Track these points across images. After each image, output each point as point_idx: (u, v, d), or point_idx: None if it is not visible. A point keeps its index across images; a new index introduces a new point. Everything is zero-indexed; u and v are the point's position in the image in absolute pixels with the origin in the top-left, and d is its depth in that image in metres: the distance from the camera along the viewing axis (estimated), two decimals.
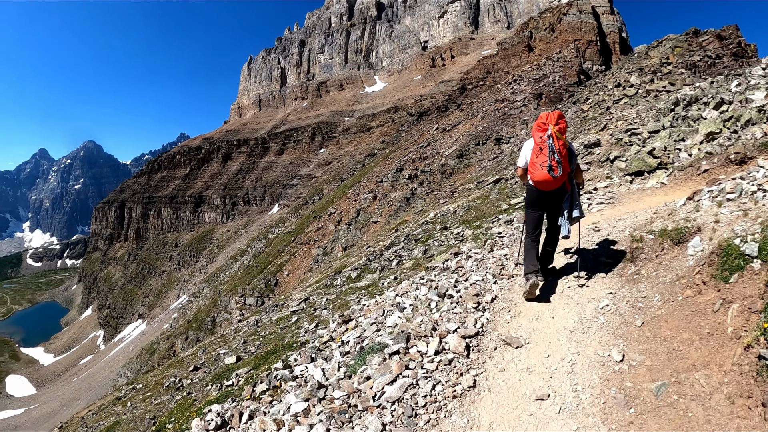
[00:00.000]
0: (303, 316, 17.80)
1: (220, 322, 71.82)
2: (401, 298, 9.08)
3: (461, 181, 40.70)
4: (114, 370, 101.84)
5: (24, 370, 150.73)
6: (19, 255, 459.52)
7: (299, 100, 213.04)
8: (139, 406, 17.91)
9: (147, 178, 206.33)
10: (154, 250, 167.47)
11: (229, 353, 17.45)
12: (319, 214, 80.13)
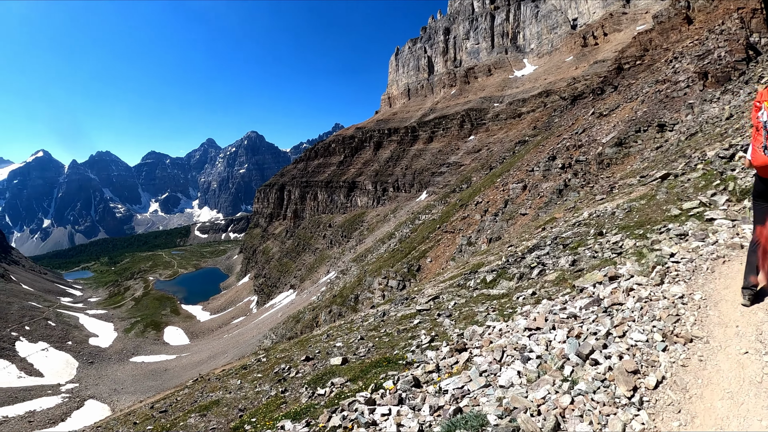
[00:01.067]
0: (425, 319, 16.64)
1: (362, 300, 73.79)
2: (529, 340, 7.43)
3: (620, 174, 37.09)
4: (261, 332, 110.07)
5: (182, 323, 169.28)
6: (188, 227, 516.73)
7: (447, 88, 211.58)
8: (246, 386, 18.32)
9: (305, 164, 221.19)
10: (309, 229, 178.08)
11: (341, 349, 17.19)
12: (466, 202, 78.58)
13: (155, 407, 24.68)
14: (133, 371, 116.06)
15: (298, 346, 23.98)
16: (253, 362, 24.30)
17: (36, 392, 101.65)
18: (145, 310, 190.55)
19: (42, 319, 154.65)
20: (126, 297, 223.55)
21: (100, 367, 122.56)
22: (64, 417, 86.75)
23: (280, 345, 29.15)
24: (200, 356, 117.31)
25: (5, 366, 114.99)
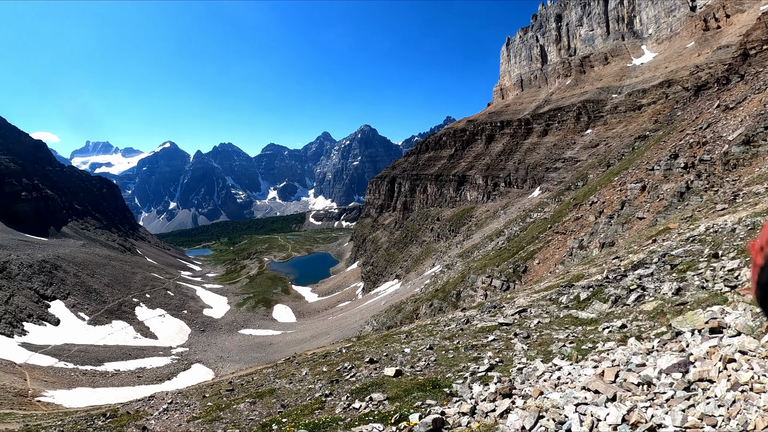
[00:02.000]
0: (501, 337, 15.51)
1: (464, 297, 72.08)
2: (575, 412, 5.97)
3: (747, 179, 33.27)
4: (364, 317, 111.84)
5: (291, 302, 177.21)
6: (303, 214, 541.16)
7: (562, 78, 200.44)
8: (307, 379, 18.52)
9: (416, 157, 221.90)
10: (418, 221, 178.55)
11: (405, 357, 16.71)
12: (580, 202, 74.05)
13: (232, 383, 25.43)
14: (240, 342, 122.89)
15: (379, 341, 23.93)
16: (334, 352, 24.62)
17: (149, 352, 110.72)
18: (258, 287, 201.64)
19: (162, 289, 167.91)
20: (241, 275, 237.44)
21: (210, 335, 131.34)
22: (170, 376, 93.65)
23: (366, 337, 29.03)
24: (304, 335, 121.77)
25: (123, 327, 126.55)
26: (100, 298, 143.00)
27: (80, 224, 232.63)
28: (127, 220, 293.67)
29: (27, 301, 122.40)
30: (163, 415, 20.20)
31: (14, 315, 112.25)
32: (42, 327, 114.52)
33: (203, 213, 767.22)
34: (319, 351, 29.21)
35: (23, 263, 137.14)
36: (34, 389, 69.98)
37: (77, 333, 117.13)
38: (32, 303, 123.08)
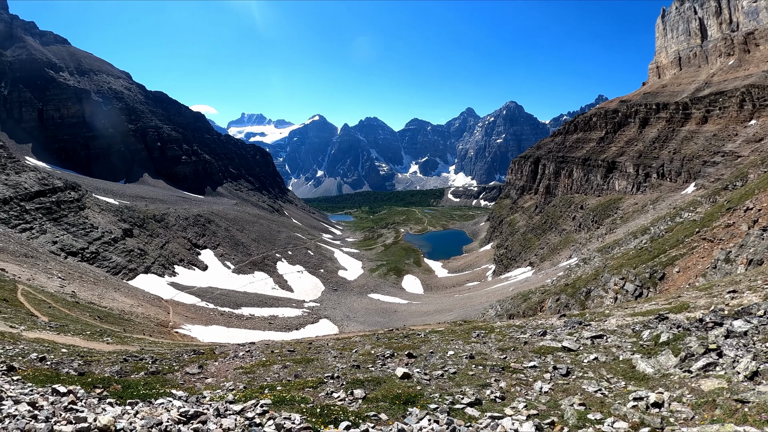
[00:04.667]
0: (539, 368, 14.12)
1: (594, 297, 66.68)
2: None
3: None
4: (489, 300, 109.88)
5: (421, 275, 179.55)
6: (442, 190, 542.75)
7: (723, 57, 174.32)
8: (352, 356, 18.96)
9: (563, 138, 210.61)
10: (560, 207, 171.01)
11: (439, 360, 16.50)
12: (734, 206, 63.49)
13: (312, 344, 26.25)
14: (367, 305, 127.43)
15: (460, 330, 23.92)
16: (421, 335, 24.72)
17: (283, 303, 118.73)
18: (391, 256, 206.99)
19: (303, 248, 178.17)
20: (377, 242, 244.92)
21: (341, 295, 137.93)
22: (298, 327, 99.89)
23: (460, 326, 28.26)
24: (428, 307, 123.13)
25: (264, 278, 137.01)
26: (246, 251, 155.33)
27: (234, 185, 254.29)
28: (277, 184, 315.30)
29: (180, 248, 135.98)
30: (228, 360, 22.10)
31: (167, 259, 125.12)
32: (191, 271, 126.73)
33: (347, 182, 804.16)
34: (425, 329, 29.08)
35: (180, 216, 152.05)
36: (174, 322, 77.35)
37: (222, 279, 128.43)
38: (185, 250, 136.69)
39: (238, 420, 8.54)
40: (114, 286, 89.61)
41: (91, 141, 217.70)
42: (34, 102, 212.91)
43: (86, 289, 76.26)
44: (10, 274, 63.78)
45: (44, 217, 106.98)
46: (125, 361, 22.28)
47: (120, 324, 55.83)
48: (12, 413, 9.36)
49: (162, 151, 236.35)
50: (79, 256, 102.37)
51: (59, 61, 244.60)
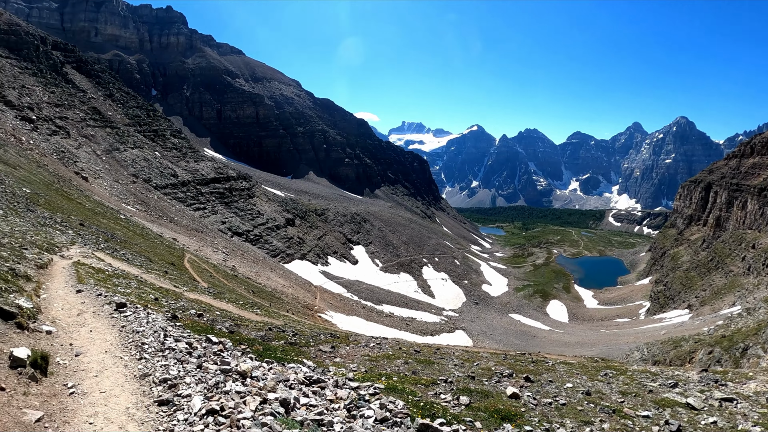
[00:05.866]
0: (658, 416, 13.46)
1: (750, 355, 58.74)
2: None
3: None
4: (636, 341, 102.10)
5: (568, 302, 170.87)
6: (602, 212, 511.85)
7: None
8: (458, 376, 18.02)
9: (738, 161, 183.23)
10: (729, 244, 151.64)
11: (585, 417, 14.18)
12: None
13: (439, 350, 26.78)
14: (506, 325, 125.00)
15: (591, 366, 23.26)
16: (549, 363, 24.18)
17: (423, 307, 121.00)
18: (540, 277, 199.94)
19: (450, 256, 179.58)
20: (527, 261, 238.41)
21: (482, 309, 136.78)
22: (433, 333, 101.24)
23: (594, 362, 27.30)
24: (569, 338, 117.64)
25: (408, 280, 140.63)
26: (395, 252, 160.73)
27: (391, 189, 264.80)
28: (432, 191, 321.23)
29: (335, 241, 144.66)
30: (359, 347, 23.66)
31: (322, 249, 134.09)
32: (342, 263, 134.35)
33: (502, 195, 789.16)
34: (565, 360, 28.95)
35: (338, 212, 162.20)
36: (319, 306, 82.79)
37: (369, 275, 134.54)
38: (339, 243, 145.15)
39: (350, 393, 9.47)
40: (271, 266, 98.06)
41: (264, 139, 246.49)
42: (213, 103, 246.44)
43: (245, 266, 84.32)
44: (181, 243, 72.77)
45: (217, 200, 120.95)
46: (269, 330, 25.05)
47: (270, 300, 61.11)
48: (172, 347, 11.83)
49: (327, 153, 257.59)
50: (243, 237, 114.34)
51: (235, 69, 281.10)
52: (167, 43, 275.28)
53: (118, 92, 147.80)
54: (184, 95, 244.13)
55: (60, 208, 52.28)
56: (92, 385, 9.35)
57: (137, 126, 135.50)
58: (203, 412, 7.41)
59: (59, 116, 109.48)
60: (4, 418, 7.07)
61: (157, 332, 12.96)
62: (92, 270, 25.00)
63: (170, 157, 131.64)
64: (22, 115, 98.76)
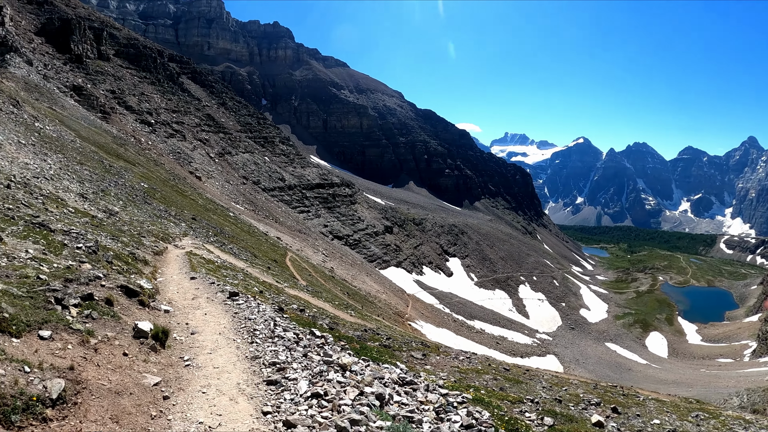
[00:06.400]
0: None
1: None
2: None
3: None
4: (737, 385, 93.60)
5: (669, 335, 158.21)
6: (713, 237, 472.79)
7: None
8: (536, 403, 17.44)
9: None
10: None
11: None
12: None
13: (528, 371, 26.25)
14: (601, 354, 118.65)
15: (683, 406, 22.92)
16: (640, 398, 23.71)
17: (515, 327, 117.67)
18: (642, 306, 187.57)
19: (549, 276, 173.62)
20: (630, 287, 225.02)
21: (577, 335, 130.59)
22: (523, 355, 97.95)
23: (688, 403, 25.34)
24: (666, 375, 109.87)
25: (503, 297, 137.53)
26: (492, 267, 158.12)
27: (491, 202, 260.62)
28: (533, 206, 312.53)
29: (431, 251, 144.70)
30: (449, 358, 23.81)
31: (418, 258, 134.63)
32: (436, 274, 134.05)
33: (608, 213, 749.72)
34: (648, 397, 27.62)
35: (436, 223, 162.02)
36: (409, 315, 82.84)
37: (463, 288, 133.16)
38: (435, 254, 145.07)
39: (440, 399, 9.72)
40: (367, 271, 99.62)
41: (367, 149, 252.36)
42: (320, 113, 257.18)
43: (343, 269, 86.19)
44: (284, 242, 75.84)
45: (320, 204, 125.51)
46: (365, 331, 25.45)
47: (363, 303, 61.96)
48: (280, 335, 12.56)
49: (428, 163, 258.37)
50: (343, 241, 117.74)
51: (340, 80, 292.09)
52: (275, 56, 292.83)
53: (231, 101, 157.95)
54: (292, 105, 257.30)
55: (174, 202, 55.76)
56: (206, 360, 10.16)
57: (248, 132, 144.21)
58: (308, 395, 8.29)
59: (176, 121, 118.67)
60: (126, 379, 7.96)
61: (267, 321, 13.88)
62: (203, 260, 26.31)
63: (278, 162, 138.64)
64: (141, 119, 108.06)
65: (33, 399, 6.29)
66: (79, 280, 11.63)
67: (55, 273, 11.77)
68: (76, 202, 29.89)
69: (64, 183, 33.71)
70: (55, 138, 49.56)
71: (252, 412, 7.91)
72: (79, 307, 10.00)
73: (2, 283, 9.81)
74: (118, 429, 6.82)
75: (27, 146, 38.12)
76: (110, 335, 9.46)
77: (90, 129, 73.48)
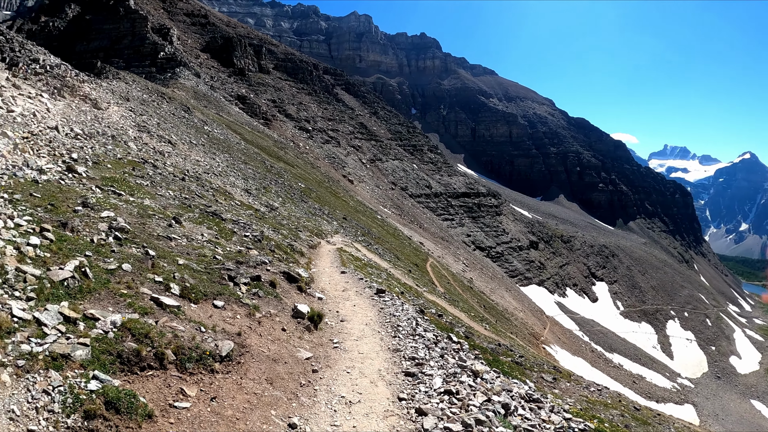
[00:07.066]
0: None
1: None
2: None
3: None
4: None
5: None
6: None
7: None
8: None
9: None
10: None
11: None
12: None
13: (659, 416, 24.65)
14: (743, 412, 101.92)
15: None
16: None
17: (657, 367, 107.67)
18: None
19: (702, 314, 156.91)
20: None
21: (721, 386, 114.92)
22: (659, 399, 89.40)
23: None
24: None
25: (648, 332, 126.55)
26: (641, 297, 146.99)
27: (646, 223, 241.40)
28: (693, 231, 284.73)
29: (577, 272, 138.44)
30: (579, 388, 23.13)
31: (562, 279, 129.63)
32: (580, 298, 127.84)
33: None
34: None
35: (585, 242, 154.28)
36: (545, 338, 79.94)
37: (606, 317, 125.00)
38: (581, 276, 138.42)
39: (562, 421, 9.81)
40: (506, 286, 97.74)
41: (516, 159, 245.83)
42: (468, 122, 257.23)
43: (482, 281, 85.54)
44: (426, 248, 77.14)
45: (465, 213, 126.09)
46: (498, 346, 25.53)
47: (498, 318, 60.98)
48: (421, 334, 13.22)
49: (580, 176, 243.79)
50: (485, 252, 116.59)
51: (488, 89, 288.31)
52: (424, 66, 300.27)
53: (382, 110, 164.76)
54: (441, 114, 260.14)
55: (327, 202, 59.10)
56: (352, 345, 11.24)
57: (398, 140, 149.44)
58: (441, 391, 9.04)
59: (331, 128, 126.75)
60: (282, 350, 9.27)
61: (409, 319, 14.60)
62: (352, 257, 27.76)
63: (426, 170, 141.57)
64: (300, 126, 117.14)
65: (206, 353, 7.66)
66: (248, 263, 13.45)
67: (228, 255, 13.68)
68: (242, 196, 32.95)
69: (231, 179, 37.23)
70: (222, 140, 55.06)
71: (389, 395, 8.77)
72: (248, 286, 11.67)
73: (184, 259, 11.62)
74: (271, 389, 7.97)
75: (198, 146, 42.75)
76: (272, 312, 10.90)
77: (253, 133, 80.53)
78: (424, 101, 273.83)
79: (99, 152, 20.04)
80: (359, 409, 8.21)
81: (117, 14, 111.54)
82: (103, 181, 15.67)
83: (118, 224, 11.47)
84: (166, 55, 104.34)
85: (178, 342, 7.48)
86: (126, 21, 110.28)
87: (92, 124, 25.44)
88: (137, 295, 8.58)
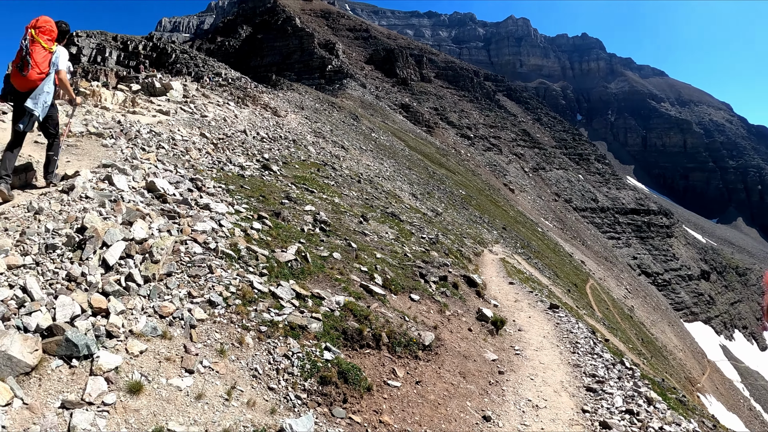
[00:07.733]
0: None
1: None
2: None
3: None
4: None
5: None
6: None
7: None
8: None
9: None
10: None
11: None
12: None
13: None
14: None
15: None
16: None
17: None
18: None
19: None
20: None
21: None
22: None
23: None
24: None
25: None
26: None
27: None
28: None
29: (749, 313, 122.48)
30: None
31: (731, 318, 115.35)
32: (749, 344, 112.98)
33: None
34: None
35: (763, 277, 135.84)
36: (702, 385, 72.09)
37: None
38: (753, 318, 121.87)
39: None
40: (669, 320, 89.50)
41: (690, 172, 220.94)
42: (638, 129, 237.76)
43: (643, 311, 79.66)
44: (588, 268, 73.29)
45: (632, 233, 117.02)
46: (662, 381, 24.04)
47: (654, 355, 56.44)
48: (599, 353, 13.16)
49: (761, 197, 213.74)
50: (651, 279, 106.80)
51: (659, 92, 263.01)
52: (587, 69, 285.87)
53: (545, 117, 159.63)
54: (608, 120, 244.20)
55: (487, 211, 58.92)
56: (533, 354, 11.54)
57: (563, 149, 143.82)
58: (623, 410, 9.09)
59: (493, 136, 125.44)
60: (471, 348, 9.83)
61: (587, 338, 14.60)
62: (514, 269, 27.72)
63: (592, 181, 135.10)
64: (461, 133, 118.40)
65: (413, 340, 8.48)
66: (433, 263, 14.34)
67: (415, 254, 14.71)
68: (409, 199, 34.42)
69: (398, 183, 38.89)
70: (387, 146, 57.38)
71: (572, 406, 9.00)
72: (436, 284, 12.54)
73: (380, 253, 12.73)
74: (464, 382, 8.55)
75: (367, 151, 45.08)
76: (459, 311, 11.64)
77: (417, 140, 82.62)
78: (589, 106, 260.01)
79: (285, 154, 22.40)
80: (545, 414, 8.52)
81: (286, 33, 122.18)
82: (296, 179, 17.39)
83: (321, 217, 12.83)
84: (334, 68, 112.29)
85: (390, 327, 8.34)
86: (294, 38, 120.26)
87: (275, 130, 28.51)
88: (348, 281, 9.59)
